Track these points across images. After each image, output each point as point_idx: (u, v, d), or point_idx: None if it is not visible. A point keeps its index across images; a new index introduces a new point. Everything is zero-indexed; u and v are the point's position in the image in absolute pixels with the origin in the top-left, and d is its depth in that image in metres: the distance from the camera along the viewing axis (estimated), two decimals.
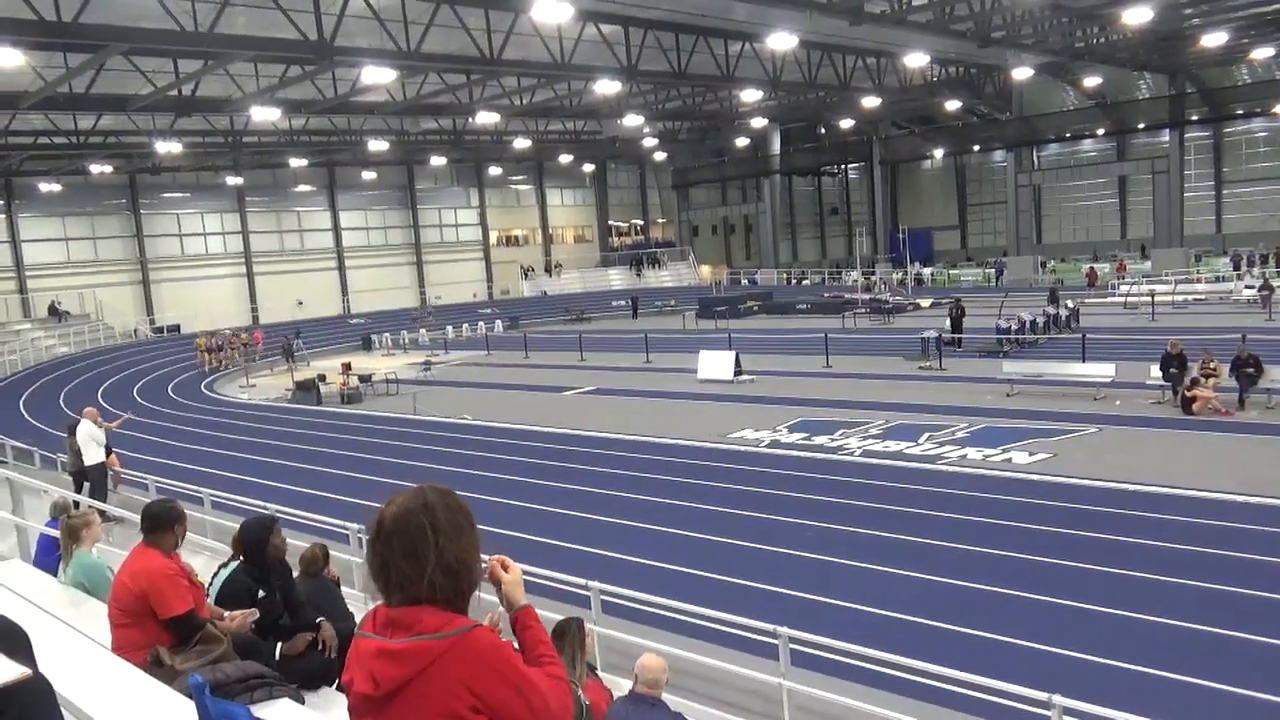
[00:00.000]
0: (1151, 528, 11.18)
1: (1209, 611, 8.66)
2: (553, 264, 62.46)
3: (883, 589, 9.89)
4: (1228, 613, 8.62)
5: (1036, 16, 33.48)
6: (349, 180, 53.64)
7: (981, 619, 8.91)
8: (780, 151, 62.49)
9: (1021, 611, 9.07)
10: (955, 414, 18.58)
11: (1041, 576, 9.86)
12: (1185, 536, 10.77)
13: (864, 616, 9.19)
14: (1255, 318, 28.48)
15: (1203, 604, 8.86)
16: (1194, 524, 11.23)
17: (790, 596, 9.77)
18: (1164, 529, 11.10)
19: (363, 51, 24.95)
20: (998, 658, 7.94)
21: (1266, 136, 55.62)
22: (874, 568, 10.54)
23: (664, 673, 5.30)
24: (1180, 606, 8.82)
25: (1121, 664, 7.79)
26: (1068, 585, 9.56)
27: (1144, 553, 10.36)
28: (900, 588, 9.92)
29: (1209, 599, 8.99)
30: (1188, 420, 16.97)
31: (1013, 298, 36.45)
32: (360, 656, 2.10)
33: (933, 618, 8.98)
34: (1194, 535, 10.80)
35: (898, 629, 8.79)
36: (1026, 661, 7.91)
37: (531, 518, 13.57)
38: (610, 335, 38.86)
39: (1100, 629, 8.56)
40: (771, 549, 11.48)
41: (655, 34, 30.67)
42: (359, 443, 20.79)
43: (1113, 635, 8.39)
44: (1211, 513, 11.60)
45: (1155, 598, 9.09)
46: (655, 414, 21.66)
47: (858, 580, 10.23)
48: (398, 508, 2.12)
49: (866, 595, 9.72)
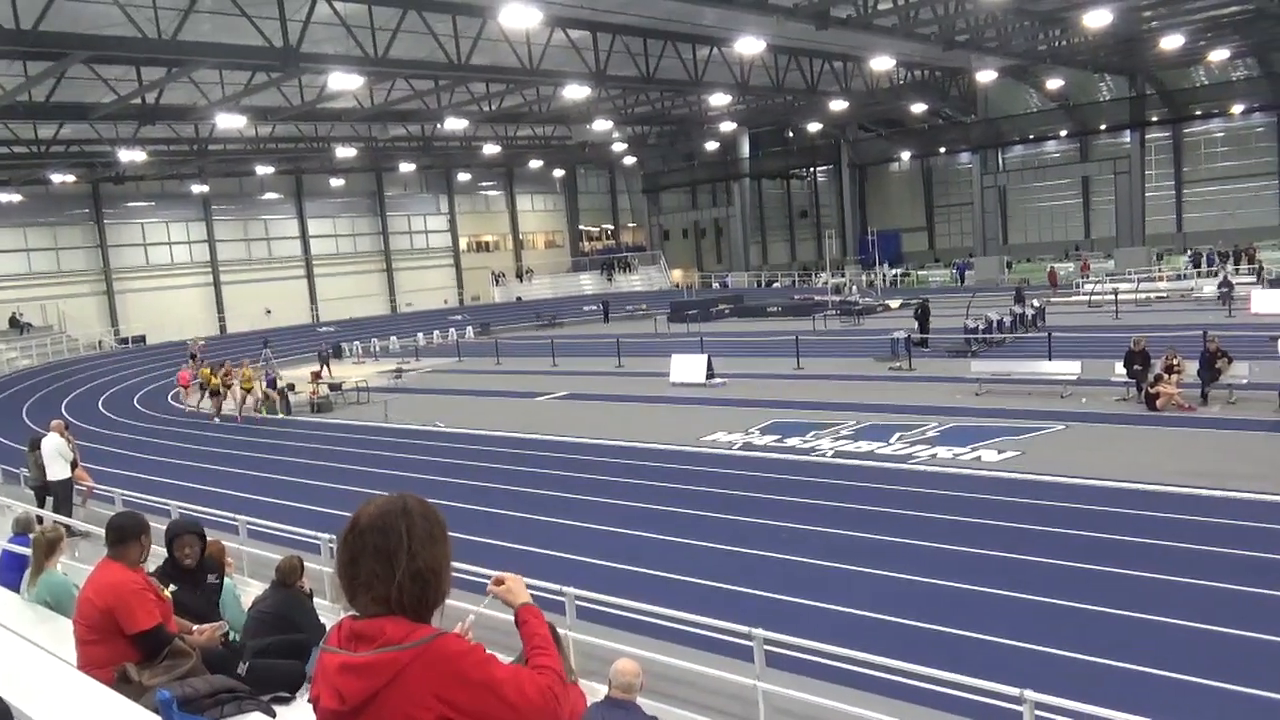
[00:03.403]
0: (1118, 523, 11.34)
1: (1177, 605, 8.80)
2: (524, 269, 62.33)
3: (856, 589, 9.96)
4: (1196, 606, 8.76)
5: (999, 20, 33.91)
6: (317, 187, 53.23)
7: (954, 617, 8.99)
8: (749, 155, 62.83)
9: (993, 608, 9.17)
10: (925, 414, 18.75)
11: (1012, 573, 9.97)
12: (1151, 531, 10.94)
13: (838, 616, 9.24)
14: (1215, 315, 28.99)
15: (1171, 597, 9.00)
16: (1159, 518, 11.41)
17: (764, 598, 9.80)
18: (1130, 524, 11.26)
19: (329, 58, 24.78)
20: (971, 655, 8.02)
21: (1224, 137, 56.73)
22: (847, 568, 10.61)
23: (638, 676, 5.31)
24: (1149, 600, 8.96)
25: (1092, 658, 7.89)
26: (1038, 582, 9.68)
27: (1111, 548, 10.51)
28: (874, 587, 9.99)
29: (1177, 592, 9.13)
30: (1152, 416, 17.25)
31: (980, 298, 36.86)
32: (325, 671, 2.08)
33: (906, 616, 9.05)
34: (1160, 530, 10.97)
35: (872, 628, 8.85)
36: (999, 658, 7.99)
37: (505, 524, 13.52)
38: (582, 340, 38.83)
39: (1070, 624, 8.66)
40: (745, 551, 11.52)
41: (623, 39, 30.73)
42: (330, 452, 20.62)
43: (1083, 630, 8.50)
44: (1177, 507, 11.79)
45: (1124, 592, 9.21)
46: (628, 418, 21.66)
47: (832, 580, 10.29)
48: (376, 508, 2.12)
49: (840, 595, 9.78)
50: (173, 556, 5.64)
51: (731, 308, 46.30)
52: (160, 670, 4.50)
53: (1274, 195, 55.27)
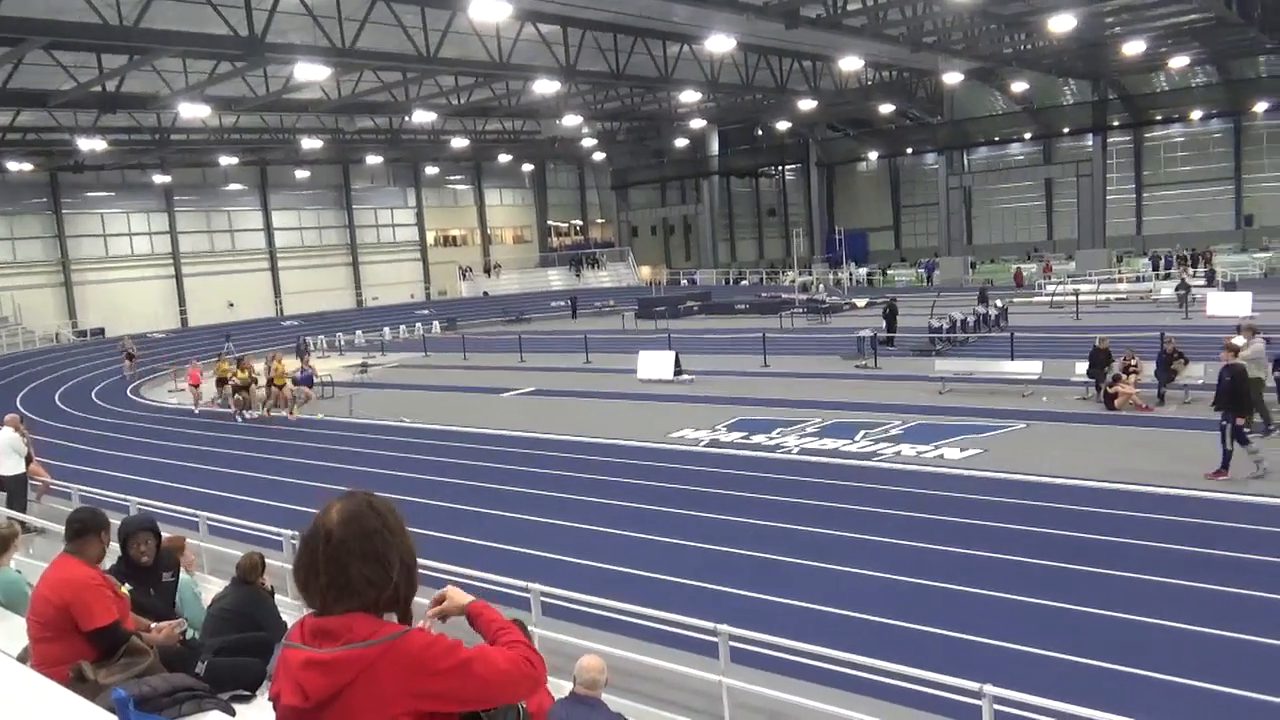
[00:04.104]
0: (1076, 520, 11.53)
1: (1134, 600, 8.97)
2: (491, 264, 62.04)
3: (820, 585, 10.04)
4: (1151, 601, 8.93)
5: (966, 23, 34.30)
6: (282, 179, 52.58)
7: (916, 612, 9.09)
8: (718, 153, 63.02)
9: (955, 604, 9.28)
10: (890, 411, 18.94)
11: (974, 570, 10.10)
12: (1108, 528, 11.13)
13: (803, 612, 9.31)
14: (1173, 317, 29.55)
15: (1129, 593, 9.17)
16: (1116, 516, 11.61)
17: (730, 594, 9.85)
18: (1088, 521, 11.46)
19: (295, 48, 24.48)
20: (933, 650, 8.11)
21: (1183, 142, 57.85)
22: (812, 564, 10.68)
23: (603, 673, 5.31)
24: (1107, 596, 9.11)
25: (1051, 653, 8.02)
26: (999, 578, 9.82)
27: (1070, 545, 10.68)
28: (837, 583, 10.08)
29: (1135, 588, 9.30)
30: (1110, 415, 17.55)
31: (944, 297, 37.27)
32: (288, 667, 2.05)
33: (869, 612, 9.15)
34: (1117, 526, 11.17)
35: (835, 624, 8.93)
36: (960, 653, 8.10)
37: (471, 520, 13.46)
38: (550, 336, 38.74)
39: (1031, 620, 8.80)
40: (711, 547, 11.56)
41: (594, 34, 30.67)
42: (293, 446, 20.40)
43: (1043, 625, 8.64)
44: (1133, 505, 12.01)
45: (1083, 588, 9.37)
46: (595, 414, 21.65)
47: (796, 576, 10.36)
48: (342, 513, 2.07)
49: (805, 591, 9.85)
50: (127, 555, 5.55)
51: (699, 305, 46.41)
52: (117, 669, 4.42)
53: (1231, 200, 56.50)
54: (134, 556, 5.54)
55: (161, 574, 5.85)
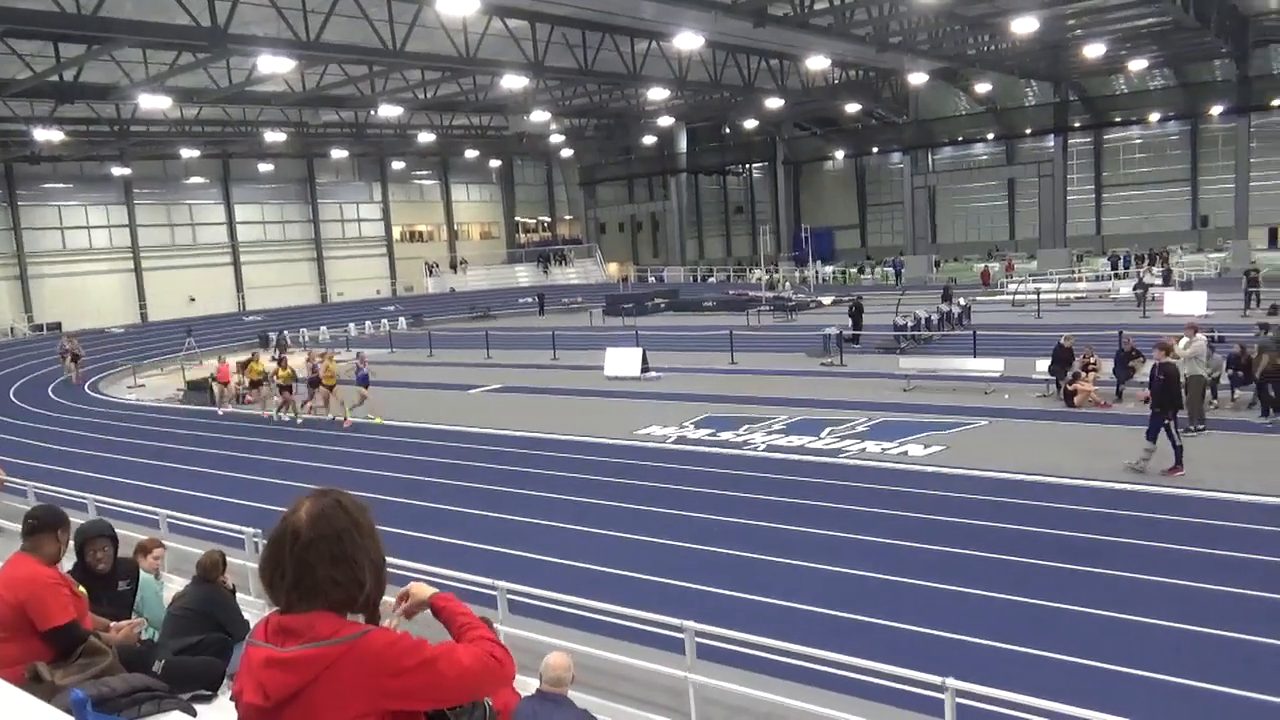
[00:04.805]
0: (1037, 516, 11.71)
1: (1094, 594, 9.13)
2: (458, 260, 61.66)
3: (786, 581, 10.11)
4: (1108, 594, 9.10)
5: (931, 23, 34.65)
6: (245, 172, 51.87)
7: (880, 607, 9.19)
8: (686, 150, 63.12)
9: (919, 599, 9.39)
10: (855, 409, 19.10)
11: (936, 565, 10.23)
12: (1068, 523, 11.33)
13: (768, 608, 9.36)
14: (1131, 315, 30.07)
15: (1088, 587, 9.33)
16: (1075, 511, 11.81)
17: (696, 590, 9.88)
18: (1048, 517, 11.65)
19: (259, 40, 24.14)
20: (896, 644, 8.20)
21: (1141, 144, 58.91)
22: (777, 560, 10.75)
23: (569, 670, 5.31)
24: (1067, 590, 9.27)
25: (1013, 647, 8.15)
26: (961, 573, 9.95)
27: (1031, 540, 10.86)
28: (803, 579, 10.16)
29: (1094, 581, 9.46)
30: (1070, 412, 17.85)
31: (909, 295, 37.64)
32: (250, 666, 2.03)
33: (835, 607, 9.23)
34: (1076, 522, 11.36)
35: (801, 620, 8.99)
36: (923, 647, 8.19)
37: (437, 518, 13.39)
38: (517, 332, 38.60)
39: (992, 614, 8.93)
40: (677, 544, 11.60)
41: (562, 30, 30.59)
42: (255, 444, 20.15)
43: (1004, 619, 8.77)
44: (1090, 500, 12.23)
45: (1043, 582, 9.53)
46: (562, 411, 21.61)
47: (762, 572, 10.42)
48: (311, 512, 2.04)
49: (771, 587, 9.92)
50: (84, 561, 5.40)
51: (667, 302, 46.48)
52: (74, 669, 4.35)
53: (1187, 201, 57.64)
54: (90, 563, 5.41)
55: (118, 582, 5.71)
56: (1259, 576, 9.30)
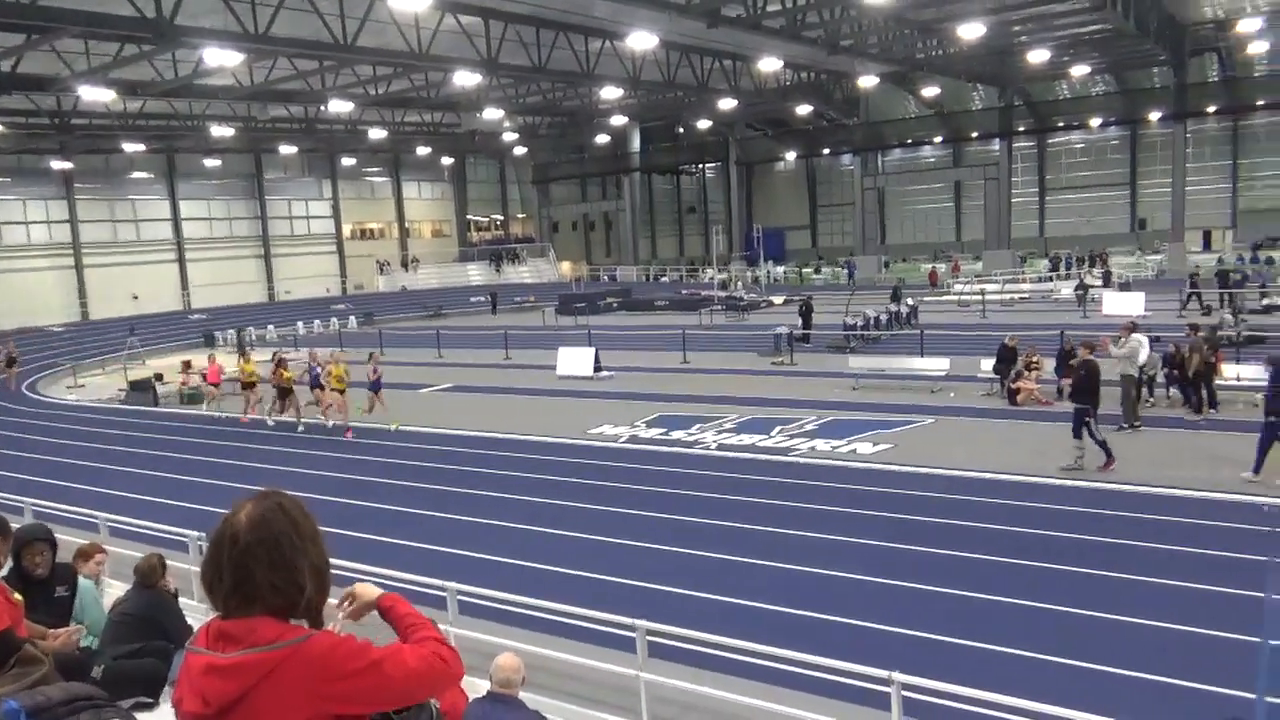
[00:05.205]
0: (982, 511, 11.96)
1: (1037, 588, 9.35)
2: (409, 259, 61.03)
3: (737, 578, 10.20)
4: (1050, 587, 9.33)
5: (881, 27, 35.15)
6: (190, 168, 50.80)
7: (831, 604, 9.32)
8: (640, 150, 63.18)
9: (868, 595, 9.54)
10: (805, 407, 19.31)
11: (884, 561, 10.40)
12: (1010, 518, 11.59)
13: (719, 606, 9.44)
14: (1072, 315, 30.80)
15: (1031, 580, 9.56)
16: (1017, 506, 12.09)
17: (648, 589, 9.93)
18: (992, 512, 11.90)
19: (205, 32, 23.67)
20: (847, 640, 8.32)
21: (1083, 148, 60.38)
22: (729, 558, 10.84)
23: (519, 672, 5.31)
24: (1011, 584, 9.49)
25: (958, 640, 8.32)
26: (908, 568, 10.13)
27: (976, 535, 11.08)
28: (753, 576, 10.25)
29: (1036, 575, 9.70)
30: (1013, 410, 18.25)
31: (859, 295, 38.12)
32: (190, 673, 2.00)
33: (785, 604, 9.33)
34: (1017, 517, 11.63)
35: (752, 617, 9.08)
36: (873, 642, 8.32)
37: (386, 519, 13.26)
38: (469, 331, 38.34)
39: (939, 608, 9.10)
40: (630, 543, 11.64)
41: (516, 28, 30.46)
42: (200, 445, 19.78)
43: (950, 613, 8.94)
44: (1031, 495, 12.53)
45: (987, 577, 9.74)
46: (514, 410, 21.52)
47: (713, 570, 10.50)
48: (251, 516, 2.00)
49: (722, 585, 10.00)
50: (20, 566, 5.25)
51: (619, 301, 46.51)
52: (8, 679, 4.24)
53: (1126, 204, 59.22)
54: (28, 568, 5.27)
55: (56, 588, 5.58)
56: (1184, 568, 9.60)
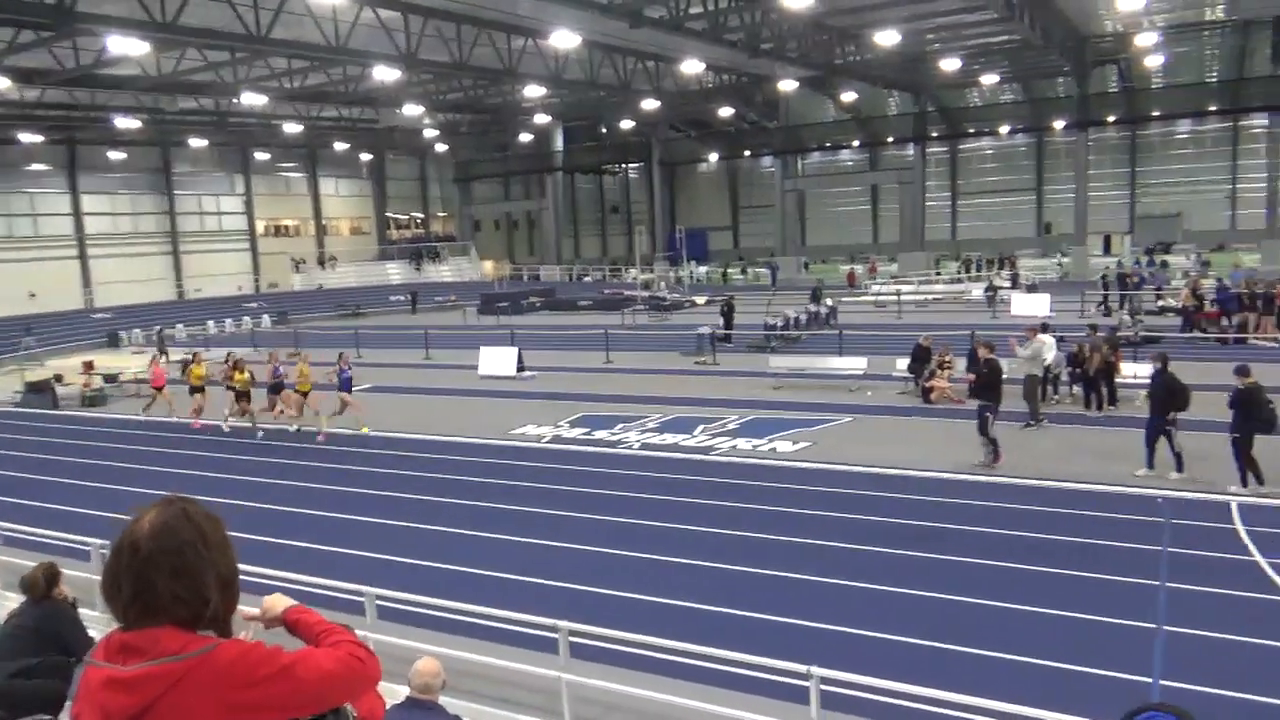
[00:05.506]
0: (894, 507, 12.28)
1: (946, 580, 9.64)
2: (326, 256, 59.64)
3: (660, 577, 10.26)
4: (960, 580, 9.63)
5: (800, 32, 35.74)
6: (93, 160, 48.65)
7: (751, 600, 9.45)
8: (563, 149, 62.94)
9: (786, 591, 9.70)
10: (727, 407, 19.53)
11: (806, 557, 10.59)
12: (923, 513, 11.92)
13: (644, 605, 9.49)
14: (982, 316, 31.81)
15: (941, 574, 9.84)
16: (929, 502, 12.45)
17: (571, 590, 9.91)
18: (904, 507, 12.24)
19: (109, 20, 22.71)
20: (767, 636, 8.44)
21: (993, 154, 62.46)
22: (652, 557, 10.90)
23: (438, 676, 5.25)
24: (922, 577, 9.76)
25: (876, 634, 8.52)
26: (828, 563, 10.34)
27: (891, 531, 11.37)
28: (676, 575, 10.33)
29: (947, 570, 9.99)
30: (926, 408, 18.79)
31: (779, 295, 38.71)
32: (89, 688, 1.91)
33: (709, 603, 9.42)
34: (928, 511, 11.98)
35: (674, 615, 9.14)
36: (793, 637, 8.46)
37: (300, 522, 12.97)
38: (388, 331, 37.67)
39: (858, 602, 9.32)
40: (553, 543, 11.60)
41: (436, 23, 30.00)
42: (103, 449, 19.02)
43: (868, 607, 9.16)
44: (942, 491, 12.92)
45: (903, 571, 10.00)
46: (435, 411, 21.25)
47: (636, 570, 10.54)
48: (154, 523, 1.92)
49: (646, 584, 10.05)
50: None
51: (542, 301, 46.28)
52: None
53: (1033, 209, 61.49)
54: None
55: None
56: (1084, 558, 10.02)
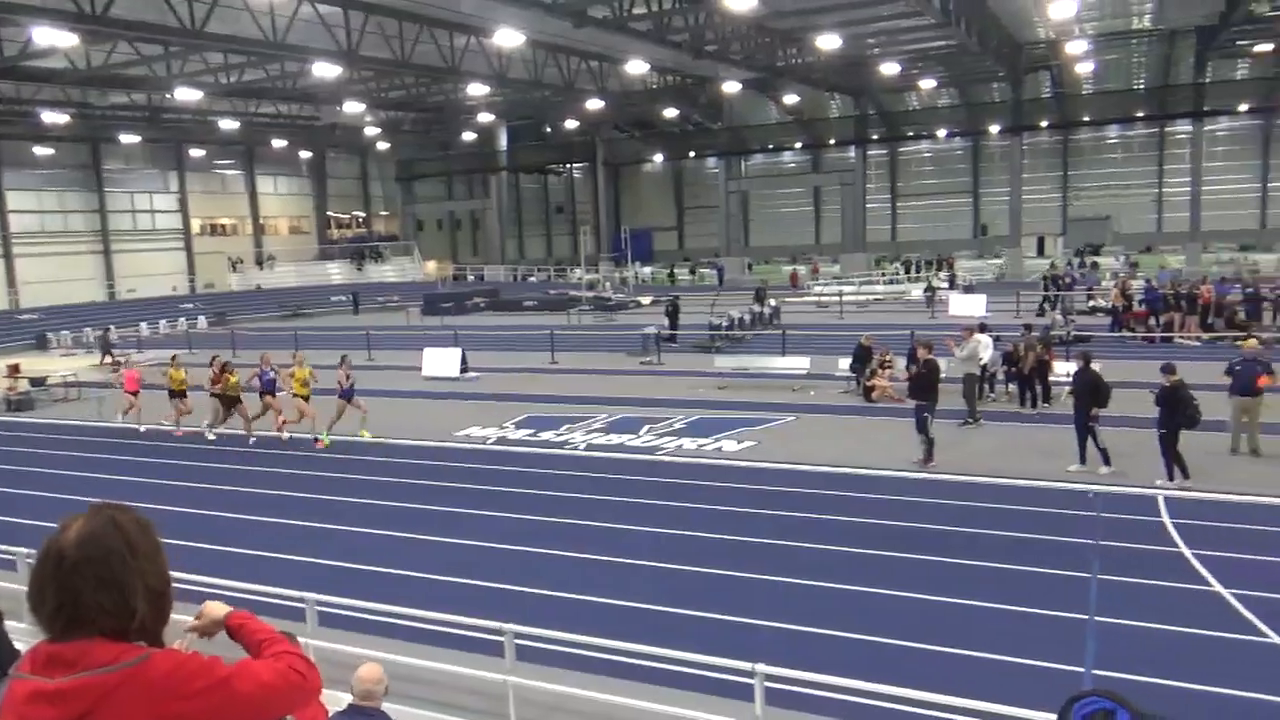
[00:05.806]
0: (838, 504, 12.46)
1: (888, 576, 9.80)
2: (265, 256, 58.42)
3: (606, 578, 10.26)
4: (902, 576, 9.80)
5: (744, 34, 36.04)
6: (19, 156, 46.95)
7: (697, 599, 9.50)
8: (507, 148, 62.57)
9: (732, 589, 9.77)
10: (673, 406, 19.60)
11: (751, 556, 10.68)
12: (865, 511, 12.12)
13: (591, 607, 9.48)
14: (921, 316, 32.44)
15: (883, 569, 10.01)
16: (870, 499, 12.66)
17: (518, 592, 9.86)
18: (848, 505, 12.43)
19: (35, 10, 22.01)
20: (713, 635, 8.48)
21: (931, 157, 63.72)
22: (596, 558, 10.90)
23: (381, 682, 5.18)
24: (865, 573, 9.91)
25: (820, 630, 8.64)
26: (770, 561, 10.44)
27: (834, 528, 11.54)
28: (622, 575, 10.35)
29: (888, 565, 10.16)
30: (868, 407, 19.10)
31: (724, 296, 38.97)
32: (13, 701, 1.85)
33: (654, 602, 9.45)
34: (870, 509, 12.18)
35: (624, 616, 9.15)
36: (739, 636, 8.53)
37: (237, 528, 12.69)
38: (329, 332, 37.04)
39: (802, 599, 9.43)
40: (498, 546, 11.53)
41: (377, 19, 29.60)
42: (28, 455, 18.39)
43: (812, 604, 9.27)
44: (885, 489, 13.14)
45: (847, 568, 10.14)
46: (378, 413, 20.89)
47: (581, 571, 10.53)
48: (82, 532, 1.86)
49: (591, 585, 10.04)
50: None
51: (486, 301, 45.95)
52: None
53: (970, 212, 62.87)
54: None
55: None
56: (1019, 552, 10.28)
